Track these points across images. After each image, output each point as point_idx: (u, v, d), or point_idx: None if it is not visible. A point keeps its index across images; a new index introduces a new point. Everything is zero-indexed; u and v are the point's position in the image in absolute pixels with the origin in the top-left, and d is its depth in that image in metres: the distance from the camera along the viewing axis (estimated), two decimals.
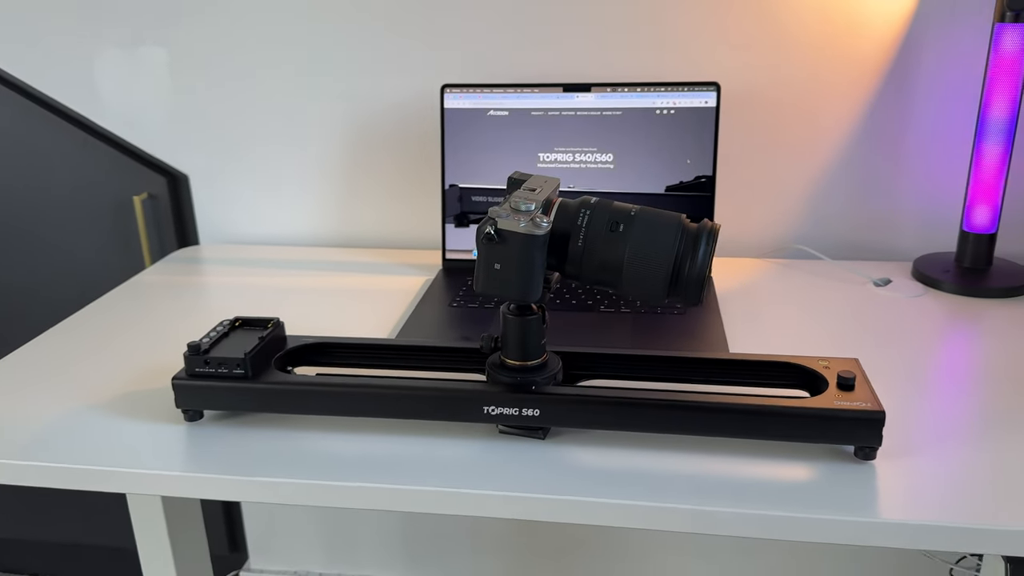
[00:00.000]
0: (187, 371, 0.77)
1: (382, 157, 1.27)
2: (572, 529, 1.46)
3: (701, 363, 0.78)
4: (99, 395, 0.84)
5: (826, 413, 0.68)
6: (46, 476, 0.73)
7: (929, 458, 0.70)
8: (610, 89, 1.09)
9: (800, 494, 0.66)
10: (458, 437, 0.75)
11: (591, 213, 0.68)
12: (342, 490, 0.70)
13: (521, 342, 0.73)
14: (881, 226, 1.19)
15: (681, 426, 0.71)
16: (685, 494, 0.66)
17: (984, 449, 0.71)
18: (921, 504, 0.65)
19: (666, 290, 0.67)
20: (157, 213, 1.38)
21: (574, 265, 0.68)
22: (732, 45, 1.14)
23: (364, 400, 0.75)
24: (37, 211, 1.41)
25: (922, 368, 0.87)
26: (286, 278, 1.18)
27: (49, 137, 1.36)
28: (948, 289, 1.06)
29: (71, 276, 1.43)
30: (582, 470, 0.71)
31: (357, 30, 1.22)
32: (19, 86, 1.33)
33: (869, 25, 1.11)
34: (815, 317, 0.99)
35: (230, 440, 0.76)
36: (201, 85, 1.29)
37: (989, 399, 0.80)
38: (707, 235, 0.66)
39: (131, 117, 1.32)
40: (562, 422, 0.73)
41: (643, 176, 1.09)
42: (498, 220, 0.65)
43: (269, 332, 0.80)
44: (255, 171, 1.32)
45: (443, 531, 1.51)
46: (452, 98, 1.12)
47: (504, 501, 0.68)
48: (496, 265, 0.67)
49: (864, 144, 1.16)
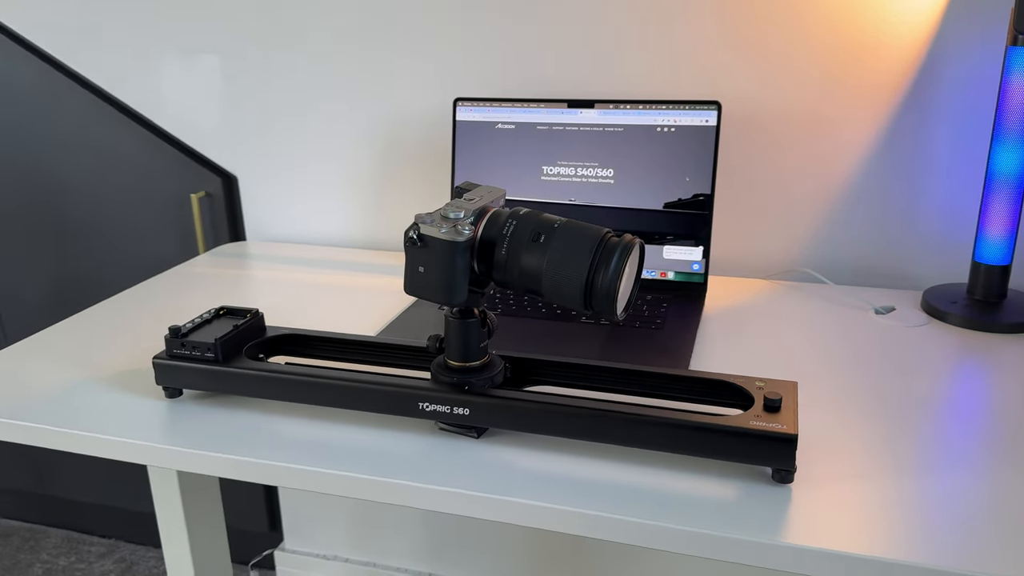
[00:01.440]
0: (167, 352, 0.85)
1: (407, 165, 1.34)
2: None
3: (643, 376, 0.80)
4: (108, 369, 0.93)
5: (736, 430, 0.68)
6: (26, 435, 0.83)
7: (858, 489, 0.69)
8: (613, 106, 1.11)
9: (711, 511, 0.67)
10: (401, 431, 0.80)
11: (516, 223, 0.71)
12: (286, 471, 0.75)
13: (461, 344, 0.77)
14: (894, 253, 1.15)
15: (597, 434, 0.73)
16: (600, 500, 0.68)
17: (924, 485, 0.70)
18: (825, 532, 0.64)
19: (583, 302, 0.69)
20: (212, 210, 1.50)
21: (500, 272, 0.71)
22: (741, 63, 1.14)
23: (314, 389, 0.80)
24: (108, 204, 1.55)
25: (894, 398, 0.84)
26: (314, 275, 1.26)
27: (120, 136, 1.49)
28: (954, 321, 1.02)
29: (135, 265, 1.56)
30: (510, 470, 0.73)
31: (386, 46, 1.28)
32: (96, 88, 1.48)
33: (886, 44, 1.08)
34: (800, 341, 0.98)
35: (200, 418, 0.83)
36: (249, 93, 1.39)
37: (953, 436, 0.77)
38: (620, 249, 0.68)
39: (188, 120, 1.44)
40: (489, 422, 0.76)
41: (642, 192, 1.11)
42: (421, 226, 0.69)
43: (245, 322, 0.87)
44: (295, 175, 1.42)
45: (467, 523, 1.55)
46: (464, 111, 1.17)
47: (432, 495, 0.72)
48: (420, 268, 0.71)
49: (878, 167, 1.13)
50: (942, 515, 0.66)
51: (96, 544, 1.87)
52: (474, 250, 0.71)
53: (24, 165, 1.58)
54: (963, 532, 0.63)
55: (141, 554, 1.83)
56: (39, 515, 1.94)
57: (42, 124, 1.53)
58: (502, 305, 1.07)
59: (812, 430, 0.77)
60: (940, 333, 1.00)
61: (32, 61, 1.49)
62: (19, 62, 1.50)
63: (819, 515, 0.66)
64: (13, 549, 1.85)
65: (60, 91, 1.49)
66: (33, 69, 1.49)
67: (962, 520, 0.65)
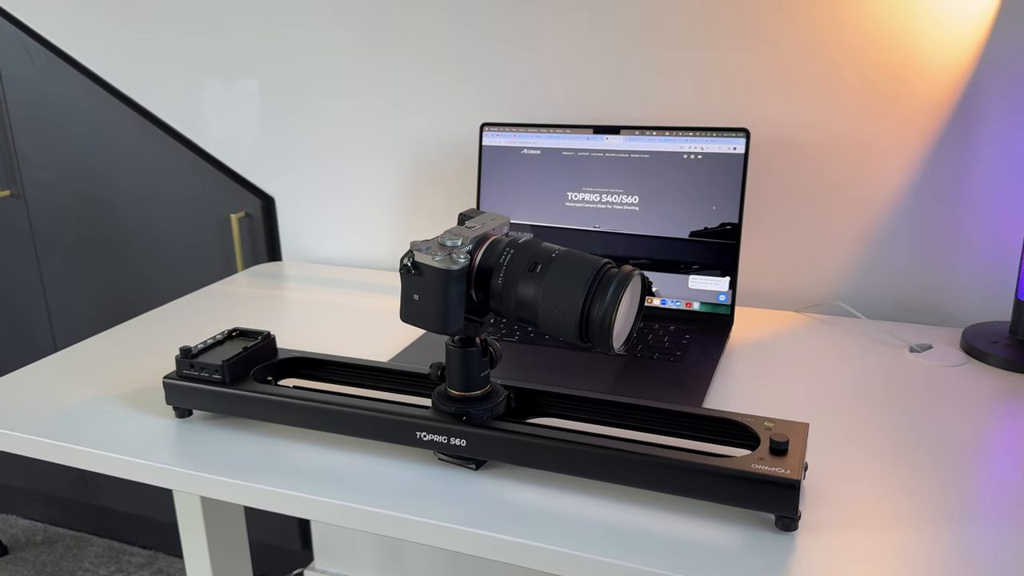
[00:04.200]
0: (177, 372, 0.85)
1: (436, 189, 1.34)
2: None
3: (648, 411, 0.77)
4: (128, 385, 0.95)
5: (736, 474, 0.65)
6: (41, 450, 0.84)
7: (869, 539, 0.65)
8: (639, 132, 1.09)
9: (710, 558, 0.64)
10: (401, 459, 0.79)
11: (514, 252, 0.69)
12: (278, 496, 0.75)
13: (461, 373, 0.76)
14: (932, 287, 1.10)
15: (592, 471, 0.71)
16: (596, 542, 0.66)
17: (943, 538, 0.65)
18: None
19: (578, 334, 0.67)
20: (251, 230, 1.52)
21: (496, 301, 0.70)
22: (773, 88, 1.11)
23: (316, 415, 0.80)
24: (154, 222, 1.59)
25: (923, 443, 0.80)
26: (343, 296, 1.26)
27: (165, 156, 1.54)
28: (994, 362, 0.97)
29: (179, 282, 1.60)
30: (505, 506, 0.71)
31: (416, 72, 1.29)
32: (146, 112, 1.52)
33: (927, 66, 1.04)
34: (828, 378, 0.94)
35: (204, 439, 0.83)
36: (287, 118, 1.41)
37: (984, 486, 0.73)
38: (617, 281, 0.66)
39: (230, 143, 1.47)
40: (486, 454, 0.74)
41: (668, 220, 1.08)
42: (416, 253, 0.69)
43: (255, 344, 0.88)
44: (330, 197, 1.43)
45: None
46: (490, 136, 1.16)
47: (422, 528, 0.70)
48: (415, 296, 0.70)
49: (917, 196, 1.08)
50: (960, 572, 0.61)
51: (136, 555, 1.90)
52: (471, 278, 0.70)
53: (78, 184, 1.64)
54: None
55: (178, 566, 1.86)
56: (84, 524, 1.99)
57: (96, 145, 1.59)
58: (520, 332, 1.06)
59: (829, 474, 0.74)
60: (979, 374, 0.95)
61: (88, 86, 1.54)
62: (76, 87, 1.55)
63: (823, 567, 0.62)
64: (57, 556, 1.90)
65: (113, 114, 1.54)
66: (89, 93, 1.55)
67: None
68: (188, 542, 1.23)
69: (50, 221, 1.70)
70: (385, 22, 1.29)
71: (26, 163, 1.67)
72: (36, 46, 1.56)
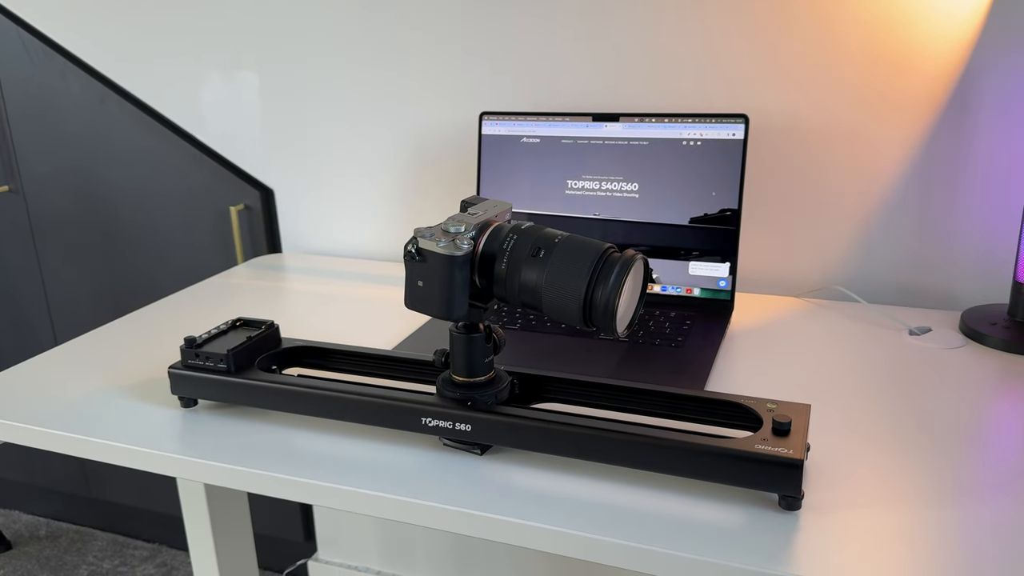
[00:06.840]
0: (182, 362, 0.86)
1: (436, 179, 1.34)
2: None
3: (651, 395, 0.78)
4: (132, 377, 0.95)
5: (740, 454, 0.66)
6: (47, 440, 0.84)
7: (872, 518, 0.66)
8: (638, 119, 1.09)
9: (714, 538, 0.64)
10: (406, 445, 0.79)
11: (517, 238, 0.70)
12: (283, 482, 0.75)
13: (465, 359, 0.76)
14: (931, 271, 1.10)
15: (597, 454, 0.71)
16: (601, 523, 0.66)
17: (944, 517, 0.66)
18: (830, 563, 0.61)
19: (582, 318, 0.68)
20: (251, 222, 1.52)
21: (500, 287, 0.71)
22: (771, 75, 1.11)
23: (320, 402, 0.80)
24: (154, 215, 1.60)
25: (923, 424, 0.80)
26: (343, 287, 1.27)
27: (166, 151, 1.54)
28: (993, 344, 0.97)
29: (179, 274, 1.60)
30: (510, 489, 0.72)
31: (416, 62, 1.29)
32: (140, 103, 1.52)
33: (923, 55, 1.04)
34: (828, 362, 0.95)
35: (210, 428, 0.84)
36: (286, 110, 1.41)
37: (983, 465, 0.73)
38: (620, 265, 0.66)
39: (229, 135, 1.47)
40: (491, 439, 0.75)
41: (667, 206, 1.09)
42: (420, 239, 0.69)
43: (260, 333, 0.88)
44: (329, 189, 1.43)
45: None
46: (489, 125, 1.16)
47: (428, 511, 0.71)
48: (419, 282, 0.70)
49: (915, 181, 1.09)
50: (960, 551, 0.62)
51: (140, 548, 1.91)
52: (475, 264, 0.71)
53: (77, 178, 1.64)
54: (984, 571, 0.60)
55: (182, 559, 1.86)
56: (88, 518, 1.99)
57: (94, 139, 1.59)
58: (522, 320, 1.06)
59: (831, 455, 0.74)
60: (978, 356, 0.95)
61: (86, 80, 1.54)
62: (74, 81, 1.55)
63: (826, 545, 0.63)
64: (60, 551, 1.91)
65: (111, 108, 1.54)
66: (87, 87, 1.55)
67: (984, 558, 0.61)
68: (193, 533, 1.23)
69: (49, 216, 1.70)
70: (384, 13, 1.29)
71: (24, 158, 1.67)
72: (33, 40, 1.56)
